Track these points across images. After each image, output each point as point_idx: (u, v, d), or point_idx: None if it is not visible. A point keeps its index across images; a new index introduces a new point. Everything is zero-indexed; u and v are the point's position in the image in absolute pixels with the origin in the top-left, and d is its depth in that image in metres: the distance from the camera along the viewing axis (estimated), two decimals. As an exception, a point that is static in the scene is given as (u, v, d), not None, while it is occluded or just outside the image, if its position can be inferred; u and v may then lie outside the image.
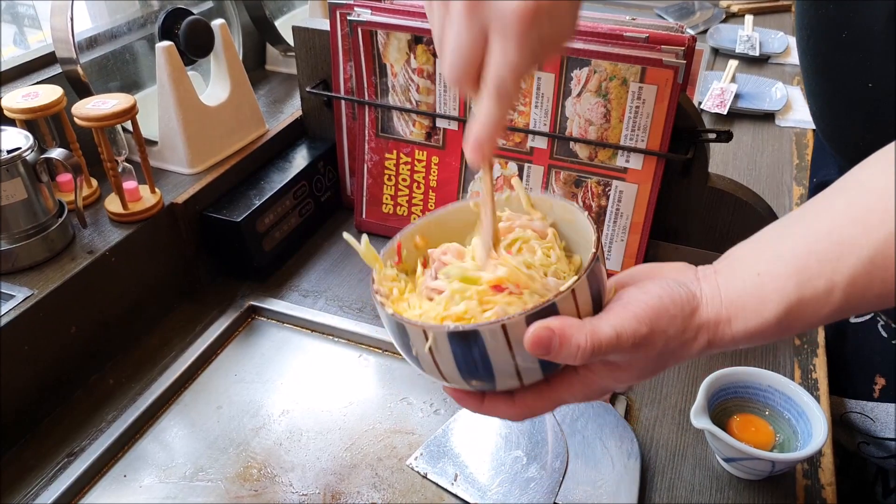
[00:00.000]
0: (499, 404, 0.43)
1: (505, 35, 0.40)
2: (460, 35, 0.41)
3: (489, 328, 0.38)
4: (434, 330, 0.39)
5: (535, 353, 0.37)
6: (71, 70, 0.83)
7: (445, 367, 0.40)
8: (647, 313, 0.39)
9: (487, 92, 0.41)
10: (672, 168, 0.80)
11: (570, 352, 0.37)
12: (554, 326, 0.37)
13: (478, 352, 0.38)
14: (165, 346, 0.78)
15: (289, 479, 0.64)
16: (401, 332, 0.41)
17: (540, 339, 0.37)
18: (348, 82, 0.90)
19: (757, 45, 1.43)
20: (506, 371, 0.40)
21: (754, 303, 0.39)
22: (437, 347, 0.39)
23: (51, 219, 0.73)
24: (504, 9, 0.40)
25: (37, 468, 0.65)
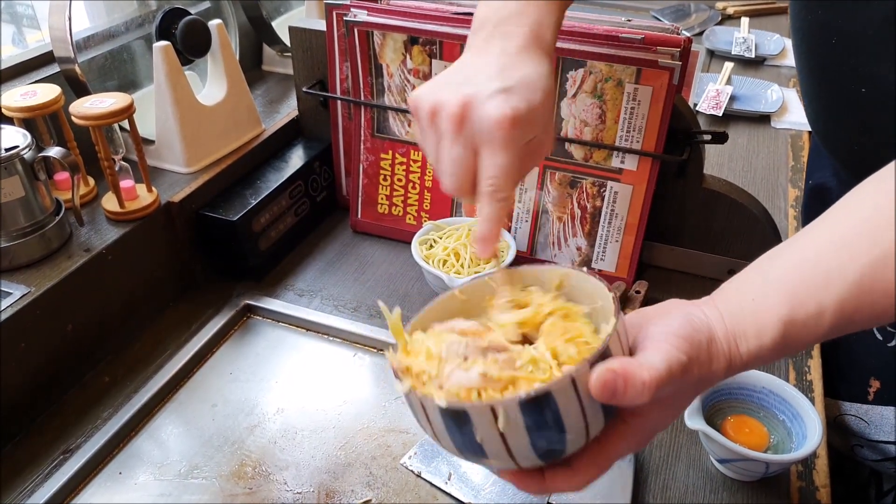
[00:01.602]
0: (559, 478, 0.41)
1: (491, 142, 0.46)
2: (452, 151, 0.47)
3: (561, 384, 0.36)
4: (505, 405, 0.36)
5: (603, 397, 0.37)
6: (69, 69, 0.83)
7: (516, 444, 0.38)
8: (683, 343, 0.40)
9: (483, 195, 0.46)
10: (667, 169, 0.80)
11: (636, 390, 0.37)
12: (615, 367, 0.37)
13: (551, 415, 0.37)
14: (161, 344, 0.78)
15: (283, 478, 0.64)
16: (458, 420, 0.37)
17: (606, 382, 0.37)
18: (344, 83, 0.91)
19: (753, 47, 1.43)
20: (576, 427, 0.38)
21: (754, 328, 0.40)
22: (508, 424, 0.36)
23: (48, 217, 0.73)
24: (485, 119, 0.46)
25: (32, 465, 0.65)
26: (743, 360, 0.41)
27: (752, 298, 0.41)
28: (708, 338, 0.40)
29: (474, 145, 0.47)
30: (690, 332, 0.40)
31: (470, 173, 0.47)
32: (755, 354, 0.40)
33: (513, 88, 0.47)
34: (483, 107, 0.46)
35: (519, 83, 0.48)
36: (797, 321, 0.39)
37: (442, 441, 0.40)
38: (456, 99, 0.47)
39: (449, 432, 0.39)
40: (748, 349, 0.40)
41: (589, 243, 0.85)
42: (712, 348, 0.40)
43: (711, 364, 0.40)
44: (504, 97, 0.46)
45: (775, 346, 0.40)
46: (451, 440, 0.39)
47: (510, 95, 0.47)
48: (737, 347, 0.41)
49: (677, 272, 0.87)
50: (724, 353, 0.41)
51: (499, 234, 0.47)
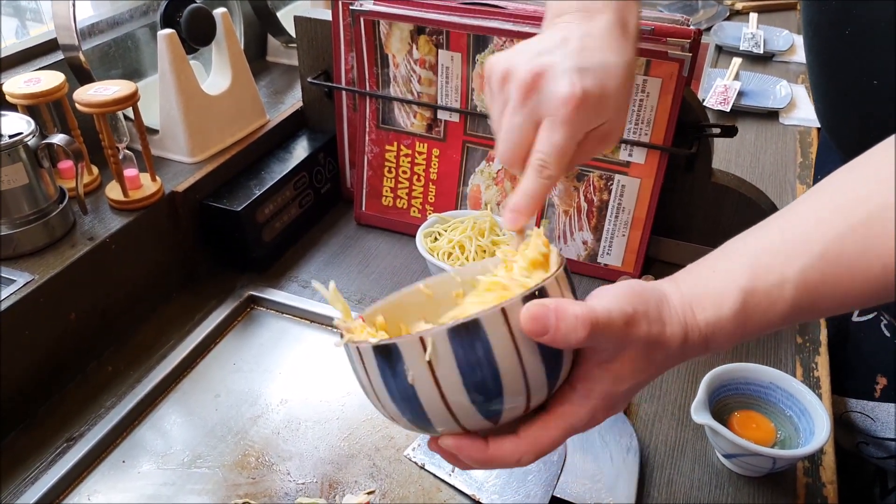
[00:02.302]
0: (505, 445, 0.40)
1: (553, 118, 0.45)
2: (513, 119, 0.46)
3: (489, 314, 0.35)
4: (433, 333, 0.35)
5: (534, 331, 0.36)
6: (73, 57, 0.83)
7: (449, 383, 0.36)
8: (626, 295, 0.39)
9: (531, 167, 0.45)
10: (675, 163, 0.80)
11: (568, 324, 0.36)
12: (547, 302, 0.36)
13: (482, 349, 0.36)
14: (164, 334, 0.78)
15: (286, 468, 0.64)
16: (385, 358, 0.37)
17: (536, 314, 0.36)
18: (349, 73, 0.90)
19: (761, 42, 1.42)
20: (511, 370, 0.36)
21: (711, 296, 0.39)
22: (437, 356, 0.36)
23: (51, 205, 0.72)
24: (553, 94, 0.45)
25: (36, 453, 0.65)
26: (701, 331, 0.39)
27: (712, 269, 0.41)
28: (657, 298, 0.39)
29: (537, 117, 0.45)
30: (638, 290, 0.39)
31: (525, 145, 0.46)
32: (714, 324, 0.39)
33: (589, 70, 0.46)
34: (555, 80, 0.45)
35: (597, 66, 0.46)
36: (758, 290, 0.38)
37: (380, 396, 0.39)
38: (529, 67, 0.46)
39: (383, 377, 0.37)
40: (706, 318, 0.39)
41: (595, 237, 0.84)
42: (664, 309, 0.39)
43: (664, 326, 0.39)
44: (578, 76, 0.45)
45: (736, 318, 0.39)
46: (385, 388, 0.38)
47: (585, 76, 0.45)
48: (693, 316, 0.39)
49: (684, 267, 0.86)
50: (679, 319, 0.39)
51: (532, 212, 0.45)
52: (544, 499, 0.60)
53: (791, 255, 0.38)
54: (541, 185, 0.45)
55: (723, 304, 0.39)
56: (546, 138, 0.45)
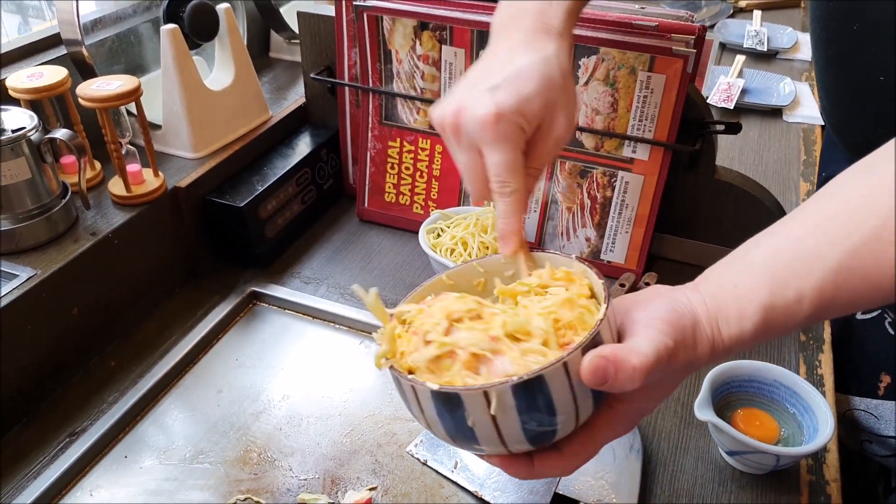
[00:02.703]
0: (548, 462, 0.41)
1: (482, 142, 0.47)
2: (458, 159, 0.49)
3: (553, 370, 0.36)
4: (497, 390, 0.36)
5: (594, 383, 0.37)
6: (76, 52, 0.83)
7: (508, 430, 0.38)
8: (669, 327, 0.40)
9: (494, 193, 0.47)
10: (679, 160, 0.79)
11: (626, 376, 0.37)
12: (606, 354, 0.37)
13: (542, 399, 0.37)
14: (166, 330, 0.78)
15: (289, 464, 0.64)
16: (450, 405, 0.37)
17: (598, 368, 0.37)
18: (352, 69, 0.90)
19: (765, 40, 1.42)
20: (566, 411, 0.38)
21: (735, 312, 0.40)
22: (501, 408, 0.36)
23: (54, 200, 0.72)
24: (471, 122, 0.47)
25: (38, 448, 0.65)
26: (725, 345, 0.41)
27: (734, 284, 0.41)
28: (693, 322, 0.41)
29: (476, 148, 0.48)
30: (676, 318, 0.40)
31: (481, 175, 0.48)
32: (737, 339, 0.40)
33: (500, 85, 0.48)
34: (471, 109, 0.47)
35: (508, 77, 0.48)
36: (777, 307, 0.40)
37: (432, 426, 0.40)
38: (451, 108, 0.48)
39: (440, 417, 0.38)
40: (730, 334, 0.40)
41: (598, 234, 0.84)
42: (697, 332, 0.40)
43: (696, 348, 0.40)
44: (490, 95, 0.47)
45: (756, 331, 0.40)
46: (441, 425, 0.39)
47: (496, 92, 0.47)
48: (719, 332, 0.41)
49: (688, 265, 0.86)
50: (708, 336, 0.41)
51: (519, 228, 0.47)
52: (547, 496, 0.60)
53: (807, 270, 0.39)
54: (509, 204, 0.47)
55: (745, 320, 0.40)
56: (490, 162, 0.47)
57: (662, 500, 0.61)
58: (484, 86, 0.48)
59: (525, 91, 0.48)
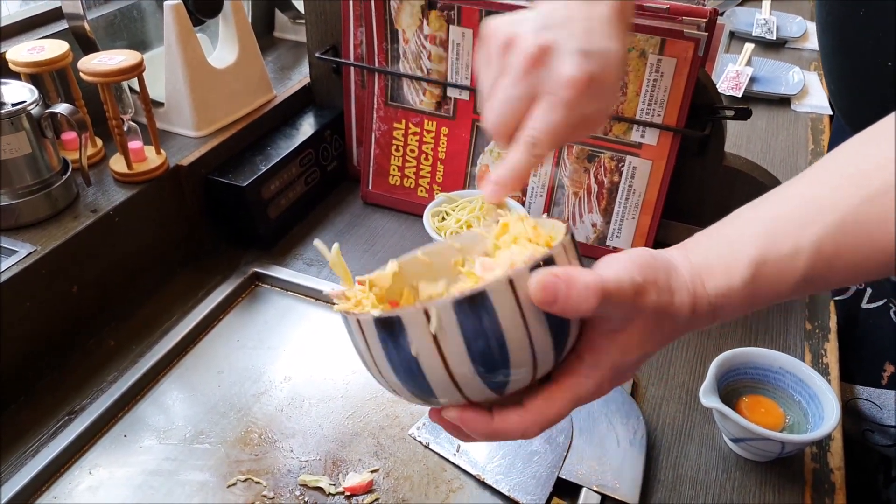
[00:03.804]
0: (510, 417, 0.39)
1: (553, 97, 0.43)
2: (510, 90, 0.44)
3: (496, 284, 0.34)
4: (437, 305, 0.34)
5: (543, 301, 0.35)
6: (77, 26, 0.81)
7: (454, 355, 0.35)
8: (636, 264, 0.38)
9: (520, 142, 0.44)
10: (687, 145, 0.78)
11: (578, 293, 0.35)
12: (557, 271, 0.35)
13: (488, 320, 0.34)
14: (167, 309, 0.77)
15: (289, 445, 0.64)
16: (387, 330, 0.36)
17: (546, 284, 0.35)
18: (358, 49, 0.89)
19: (774, 29, 1.40)
20: (518, 342, 0.35)
21: (722, 265, 0.38)
22: (442, 328, 0.34)
23: (54, 176, 0.71)
24: (558, 73, 0.43)
25: (37, 426, 0.64)
26: (710, 299, 0.38)
27: (722, 238, 0.39)
28: (666, 267, 0.38)
29: (536, 93, 0.44)
30: (646, 259, 0.38)
31: (518, 118, 0.45)
32: (724, 294, 0.38)
33: (594, 55, 0.45)
34: (561, 59, 0.44)
35: (601, 52, 0.45)
36: (769, 260, 0.37)
37: (379, 365, 0.38)
38: (535, 40, 0.44)
39: (385, 352, 0.36)
40: (716, 286, 0.38)
41: (604, 220, 0.83)
42: (672, 277, 0.38)
43: (673, 295, 0.38)
44: (585, 59, 0.44)
45: (745, 288, 0.38)
46: (387, 361, 0.37)
47: (591, 60, 0.44)
48: (703, 286, 0.38)
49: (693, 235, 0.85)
50: (688, 287, 0.38)
51: (516, 187, 0.44)
52: (549, 480, 0.60)
53: (805, 224, 0.37)
54: (528, 162, 0.44)
55: (733, 274, 0.38)
56: (542, 116, 0.44)
57: (666, 486, 0.61)
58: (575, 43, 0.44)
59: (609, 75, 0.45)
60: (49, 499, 0.59)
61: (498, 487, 0.60)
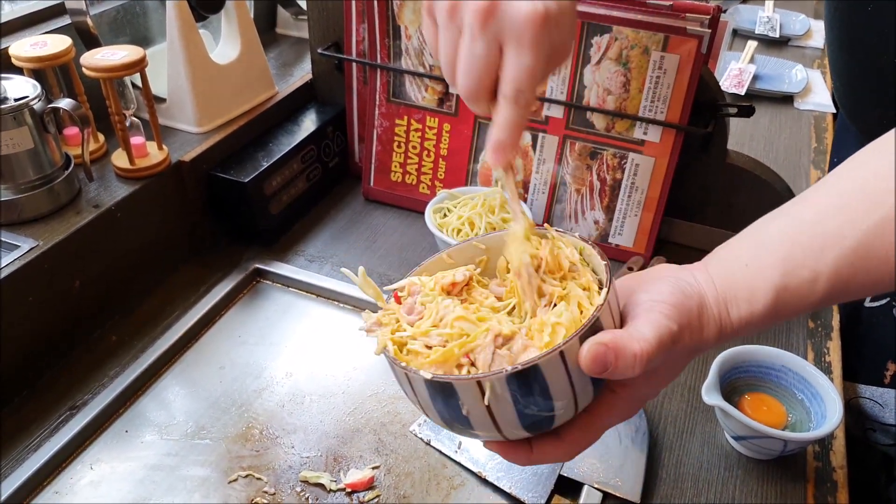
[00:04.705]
0: (547, 448, 0.40)
1: (519, 41, 0.42)
2: (472, 48, 0.43)
3: (548, 359, 0.35)
4: (491, 379, 0.35)
5: (593, 371, 0.36)
6: (80, 21, 0.81)
7: (503, 418, 0.37)
8: (673, 311, 0.38)
9: (505, 98, 0.42)
10: (690, 142, 0.78)
11: (626, 363, 0.36)
12: (606, 341, 0.36)
13: (538, 388, 0.36)
14: (169, 305, 0.77)
15: (291, 441, 0.63)
16: (444, 394, 0.37)
17: (597, 356, 0.36)
18: (360, 45, 0.88)
19: (777, 26, 1.40)
20: (564, 400, 0.37)
21: (745, 293, 0.39)
22: (495, 398, 0.36)
23: (57, 171, 0.71)
24: (516, 15, 0.42)
25: (39, 420, 0.64)
26: (734, 327, 0.39)
27: (745, 264, 0.40)
28: (699, 304, 0.39)
29: (499, 42, 0.43)
30: (681, 300, 0.39)
31: (491, 73, 0.43)
32: (746, 321, 0.39)
33: None
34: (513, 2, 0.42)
35: None
36: (790, 287, 0.38)
37: (427, 411, 0.39)
38: None
39: (434, 404, 0.38)
40: (739, 315, 0.39)
41: (607, 217, 0.83)
42: (703, 315, 0.39)
43: (702, 331, 0.39)
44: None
45: (766, 313, 0.39)
46: (436, 411, 0.38)
47: None
48: (728, 314, 0.39)
49: (696, 249, 0.85)
50: (715, 318, 0.39)
51: (517, 143, 0.43)
52: (551, 478, 0.60)
53: (823, 249, 0.38)
54: (519, 114, 0.43)
55: (755, 302, 0.39)
56: (514, 63, 0.42)
57: (668, 484, 0.60)
58: None
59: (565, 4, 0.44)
60: (51, 493, 0.59)
61: (499, 485, 0.60)
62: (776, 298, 0.38)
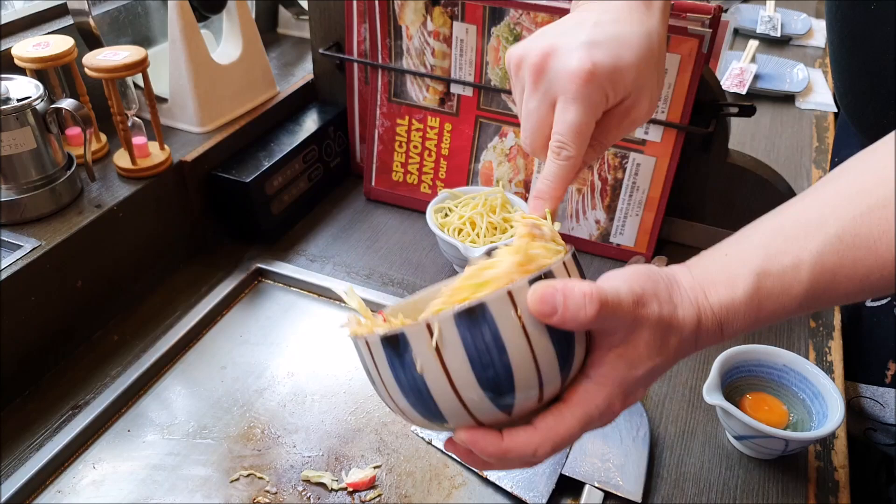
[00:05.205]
0: (519, 435, 0.38)
1: (564, 96, 0.43)
2: (528, 104, 0.45)
3: (495, 296, 0.34)
4: (439, 318, 0.34)
5: (542, 313, 0.35)
6: (82, 22, 0.81)
7: (458, 371, 0.35)
8: (634, 276, 0.38)
9: (550, 150, 0.44)
10: (691, 142, 0.78)
11: (576, 301, 0.35)
12: (555, 283, 0.36)
13: (489, 332, 0.35)
14: (170, 305, 0.78)
15: (292, 441, 0.64)
16: (393, 348, 0.36)
17: (544, 295, 0.35)
18: (362, 45, 0.89)
19: (779, 26, 1.40)
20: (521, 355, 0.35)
21: (724, 278, 0.38)
22: (444, 341, 0.35)
23: (59, 171, 0.71)
24: (562, 72, 0.43)
25: (41, 420, 0.64)
26: (715, 314, 0.38)
27: (724, 254, 0.40)
28: (667, 280, 0.39)
29: (551, 99, 0.44)
30: (646, 272, 0.39)
31: (545, 128, 0.45)
32: (727, 306, 0.38)
33: (600, 43, 0.44)
34: (564, 57, 0.44)
35: (609, 38, 0.45)
36: (772, 272, 0.37)
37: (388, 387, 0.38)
38: (540, 49, 0.45)
39: (392, 369, 0.36)
40: (719, 300, 0.38)
41: (608, 217, 0.83)
42: (674, 291, 0.38)
43: (675, 307, 0.38)
44: (587, 50, 0.44)
45: (749, 301, 0.38)
46: (395, 381, 0.37)
47: (595, 49, 0.44)
48: (706, 298, 0.38)
49: (697, 249, 0.84)
50: (691, 301, 0.38)
51: (557, 196, 0.44)
52: (552, 477, 0.60)
53: (807, 237, 0.37)
54: (560, 168, 0.43)
55: (736, 286, 0.38)
56: (560, 118, 0.44)
57: (669, 483, 0.61)
58: (581, 38, 0.44)
59: (624, 59, 0.44)
60: (53, 493, 0.59)
61: (500, 484, 0.60)
62: (757, 283, 0.38)
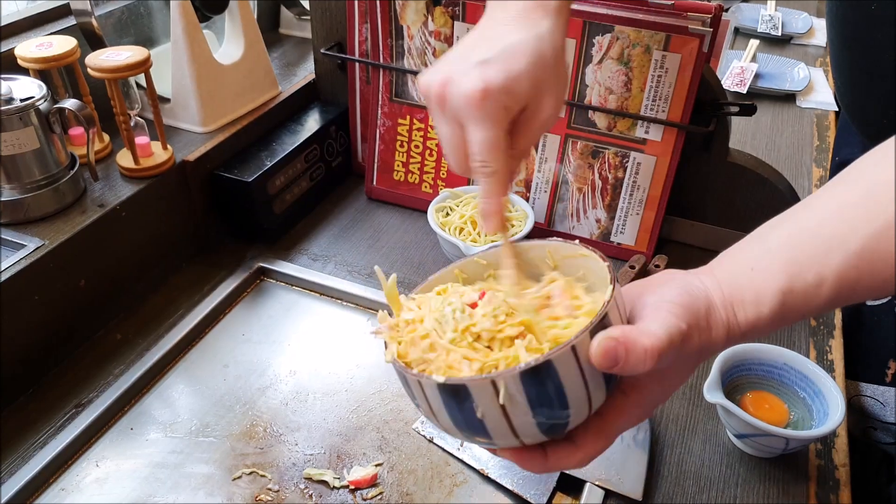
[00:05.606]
0: (562, 454, 0.40)
1: (467, 118, 0.45)
2: (440, 131, 0.47)
3: (562, 354, 0.35)
4: (505, 377, 0.35)
5: (604, 365, 0.36)
6: (85, 22, 0.82)
7: (519, 419, 0.37)
8: (682, 310, 0.39)
9: (474, 171, 0.45)
10: (692, 141, 0.78)
11: (637, 357, 0.36)
12: (616, 335, 0.36)
13: (552, 385, 0.36)
14: (173, 303, 0.78)
15: (294, 439, 0.64)
16: (457, 397, 0.36)
17: (607, 350, 0.36)
18: (363, 45, 0.89)
19: (779, 25, 1.40)
20: (578, 398, 0.37)
21: (751, 296, 0.40)
22: (510, 397, 0.36)
23: (62, 171, 0.72)
24: (458, 95, 0.45)
25: (44, 418, 0.65)
26: (741, 330, 0.40)
27: (750, 268, 0.41)
28: (707, 306, 0.40)
29: (459, 123, 0.46)
30: (689, 301, 0.39)
31: (461, 149, 0.46)
32: (753, 324, 0.40)
33: (490, 60, 0.46)
34: (459, 83, 0.45)
35: (499, 52, 0.46)
36: (796, 291, 0.39)
37: (439, 418, 0.39)
38: (439, 79, 0.46)
39: (448, 410, 0.37)
40: (746, 318, 0.40)
41: (609, 215, 0.83)
42: (711, 317, 0.40)
43: (711, 332, 0.39)
44: (479, 70, 0.45)
45: (773, 316, 0.39)
46: (450, 419, 0.38)
47: (486, 67, 0.45)
48: (734, 316, 0.40)
49: (698, 248, 0.85)
50: (723, 321, 0.40)
51: (499, 208, 0.45)
52: (553, 476, 0.60)
53: (828, 253, 0.38)
54: (489, 184, 0.45)
55: (762, 304, 0.39)
56: (472, 140, 0.45)
57: (669, 481, 0.61)
58: (474, 59, 0.46)
59: (515, 69, 0.46)
60: (56, 491, 0.60)
61: (501, 482, 0.60)
62: (782, 301, 0.39)
